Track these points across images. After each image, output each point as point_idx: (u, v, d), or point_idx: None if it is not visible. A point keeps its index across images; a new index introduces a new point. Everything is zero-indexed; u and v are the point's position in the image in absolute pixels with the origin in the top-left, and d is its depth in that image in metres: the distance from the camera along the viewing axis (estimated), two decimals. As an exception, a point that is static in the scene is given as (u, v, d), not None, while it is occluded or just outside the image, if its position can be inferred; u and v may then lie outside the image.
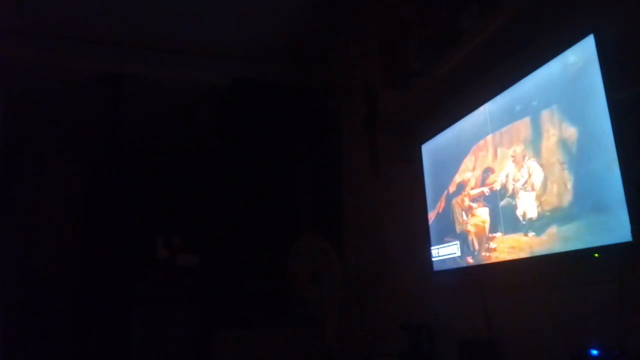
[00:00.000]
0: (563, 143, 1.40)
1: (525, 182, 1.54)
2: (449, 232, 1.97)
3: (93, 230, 4.22)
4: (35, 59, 3.47)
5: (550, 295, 1.55)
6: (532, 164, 1.52)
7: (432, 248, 2.07)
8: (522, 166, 1.56)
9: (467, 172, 1.87)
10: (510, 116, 1.63)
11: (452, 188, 1.97)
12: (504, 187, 1.65)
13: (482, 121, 1.79)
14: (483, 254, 1.75)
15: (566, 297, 1.48)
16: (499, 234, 1.67)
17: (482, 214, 1.76)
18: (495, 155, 1.72)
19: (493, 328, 1.77)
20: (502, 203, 1.65)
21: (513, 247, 1.59)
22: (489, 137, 1.75)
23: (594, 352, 1.23)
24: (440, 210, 2.04)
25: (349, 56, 3.28)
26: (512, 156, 1.62)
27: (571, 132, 1.37)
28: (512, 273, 1.71)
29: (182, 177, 4.77)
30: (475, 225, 1.80)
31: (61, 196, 4.80)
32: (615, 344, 1.25)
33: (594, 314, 1.36)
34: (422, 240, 2.13)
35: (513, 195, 1.60)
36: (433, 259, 2.06)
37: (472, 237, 1.82)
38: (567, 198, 1.37)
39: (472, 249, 1.82)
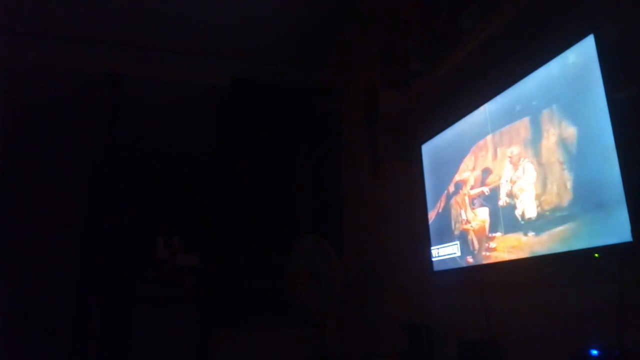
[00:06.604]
0: (563, 143, 1.40)
1: (525, 182, 1.54)
2: (449, 232, 1.97)
3: (93, 230, 4.21)
4: (35, 59, 3.47)
5: (550, 295, 1.55)
6: (531, 164, 1.52)
7: (432, 248, 2.07)
8: (521, 166, 1.56)
9: (467, 172, 1.87)
10: (510, 116, 1.63)
11: (452, 188, 1.97)
12: (503, 187, 1.65)
13: (482, 121, 1.79)
14: (483, 253, 1.75)
15: (566, 297, 1.48)
16: (498, 234, 1.67)
17: (482, 213, 1.76)
18: (495, 155, 1.72)
19: (493, 328, 1.77)
20: (502, 203, 1.65)
21: (513, 247, 1.59)
22: (489, 137, 1.75)
23: (594, 352, 1.23)
24: (440, 210, 2.04)
25: (349, 56, 3.27)
26: (511, 156, 1.62)
27: (571, 131, 1.37)
28: (512, 273, 1.71)
29: (182, 177, 4.77)
30: (475, 225, 1.80)
31: (61, 196, 4.79)
32: (615, 344, 1.25)
33: (594, 314, 1.36)
34: (422, 240, 2.13)
35: (513, 195, 1.60)
36: (433, 259, 2.06)
37: (472, 237, 1.82)
38: (567, 198, 1.37)
39: (472, 248, 1.82)
